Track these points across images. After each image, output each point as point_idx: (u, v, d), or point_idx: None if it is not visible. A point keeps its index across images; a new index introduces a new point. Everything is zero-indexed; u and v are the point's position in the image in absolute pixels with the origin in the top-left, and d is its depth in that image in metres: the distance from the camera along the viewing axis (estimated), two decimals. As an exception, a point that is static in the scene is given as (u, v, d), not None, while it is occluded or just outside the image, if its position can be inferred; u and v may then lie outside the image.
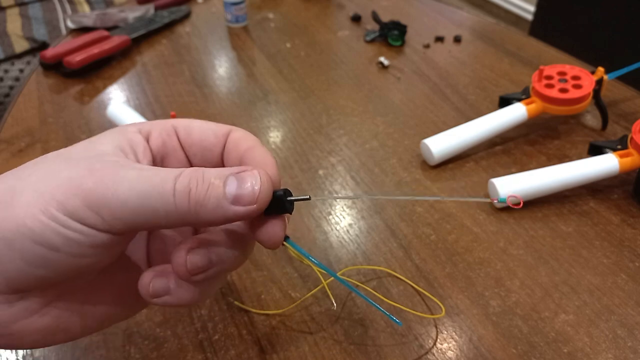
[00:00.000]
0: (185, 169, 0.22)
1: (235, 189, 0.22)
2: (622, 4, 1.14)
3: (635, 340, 0.36)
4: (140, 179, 0.21)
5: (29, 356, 0.36)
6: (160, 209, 0.21)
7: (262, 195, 0.23)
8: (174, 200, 0.21)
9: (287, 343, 0.36)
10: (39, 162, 0.23)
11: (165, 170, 0.22)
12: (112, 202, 0.21)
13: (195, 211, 0.22)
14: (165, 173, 0.22)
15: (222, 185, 0.22)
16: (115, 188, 0.21)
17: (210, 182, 0.22)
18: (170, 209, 0.21)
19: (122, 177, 0.21)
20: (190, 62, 0.73)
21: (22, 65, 1.20)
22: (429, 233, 0.45)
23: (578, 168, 0.46)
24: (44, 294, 0.23)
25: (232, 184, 0.22)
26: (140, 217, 0.21)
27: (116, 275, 0.26)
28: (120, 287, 0.26)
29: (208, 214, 0.22)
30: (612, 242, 0.43)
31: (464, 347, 0.36)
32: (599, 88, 0.55)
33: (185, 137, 0.27)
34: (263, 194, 0.23)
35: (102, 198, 0.21)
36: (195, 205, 0.22)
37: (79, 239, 0.21)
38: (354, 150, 0.55)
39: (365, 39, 0.76)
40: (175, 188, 0.21)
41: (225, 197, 0.22)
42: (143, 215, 0.21)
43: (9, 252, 0.20)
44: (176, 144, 0.27)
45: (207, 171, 0.22)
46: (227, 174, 0.23)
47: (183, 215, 0.22)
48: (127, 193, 0.21)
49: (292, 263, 0.42)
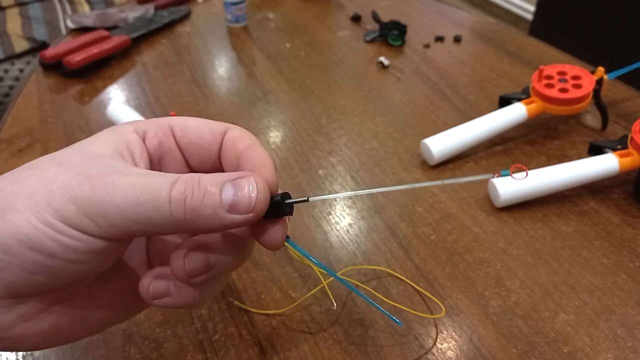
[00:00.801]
0: (182, 175, 0.22)
1: (232, 196, 0.22)
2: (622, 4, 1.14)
3: (635, 340, 0.36)
4: (136, 186, 0.21)
5: (29, 356, 0.36)
6: (156, 217, 0.21)
7: (259, 203, 0.22)
8: (170, 208, 0.21)
9: (287, 343, 0.36)
10: (34, 166, 0.22)
11: (162, 176, 0.22)
12: (108, 210, 0.21)
13: (191, 219, 0.21)
14: (161, 180, 0.21)
15: (219, 192, 0.22)
16: (111, 196, 0.21)
17: (206, 190, 0.22)
18: (166, 216, 0.21)
19: (117, 184, 0.21)
20: (190, 62, 0.73)
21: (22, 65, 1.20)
22: (429, 233, 0.45)
23: (578, 168, 0.46)
24: (42, 299, 0.23)
25: (228, 191, 0.22)
26: (136, 224, 0.21)
27: (115, 278, 0.26)
28: (119, 290, 0.26)
29: (204, 222, 0.22)
30: (612, 242, 0.43)
31: (464, 347, 0.36)
32: (599, 88, 0.55)
33: (182, 136, 0.26)
34: (260, 202, 0.22)
35: (98, 205, 0.21)
36: (191, 214, 0.21)
37: (76, 245, 0.21)
38: (354, 150, 0.55)
39: (365, 39, 0.76)
40: (171, 196, 0.21)
41: (221, 205, 0.22)
42: (139, 222, 0.21)
43: (5, 258, 0.20)
44: (173, 143, 0.26)
45: (203, 178, 0.22)
46: (223, 181, 0.22)
47: (179, 223, 0.21)
48: (123, 201, 0.21)
49: (292, 263, 0.42)
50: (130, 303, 0.27)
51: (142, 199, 0.21)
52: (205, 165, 0.27)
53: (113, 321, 0.27)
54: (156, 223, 0.21)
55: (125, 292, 0.26)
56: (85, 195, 0.21)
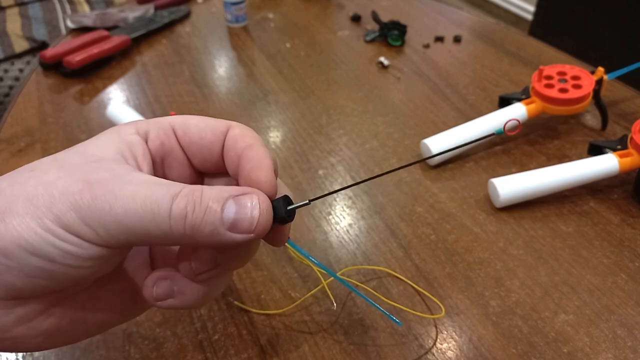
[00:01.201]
0: (184, 187, 0.22)
1: (234, 214, 0.22)
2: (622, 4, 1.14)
3: (635, 340, 0.36)
4: (136, 197, 0.21)
5: (29, 356, 0.36)
6: (155, 230, 0.21)
7: (260, 224, 0.22)
8: (170, 223, 0.21)
9: (287, 343, 0.36)
10: (35, 168, 0.22)
11: (163, 187, 0.21)
12: (108, 220, 0.20)
13: (191, 235, 0.21)
14: (162, 192, 0.21)
15: (220, 210, 0.21)
16: (112, 206, 0.20)
17: (208, 206, 0.21)
18: (166, 231, 0.21)
19: (118, 193, 0.21)
20: (190, 62, 0.73)
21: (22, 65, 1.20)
22: (428, 233, 0.45)
23: (578, 168, 0.46)
24: (43, 301, 0.23)
25: (230, 208, 0.22)
26: (134, 236, 0.21)
27: (116, 280, 0.26)
28: (121, 291, 0.26)
29: (204, 238, 0.22)
30: (612, 242, 0.43)
31: (463, 347, 0.36)
32: (599, 88, 0.55)
33: (183, 136, 0.26)
34: (261, 223, 0.22)
35: (97, 215, 0.20)
36: (191, 230, 0.21)
37: (76, 251, 0.21)
38: (354, 150, 0.55)
39: (365, 39, 0.76)
40: (172, 210, 0.21)
41: (222, 223, 0.21)
42: (137, 234, 0.21)
43: (5, 261, 0.20)
44: (175, 144, 0.26)
45: (205, 192, 0.22)
46: (225, 197, 0.22)
47: (178, 238, 0.21)
48: (123, 211, 0.20)
49: (292, 263, 0.42)
50: (132, 304, 0.27)
51: (142, 211, 0.21)
52: (208, 165, 0.27)
53: (114, 322, 0.27)
54: (155, 236, 0.21)
55: (127, 293, 0.26)
56: (85, 203, 0.20)
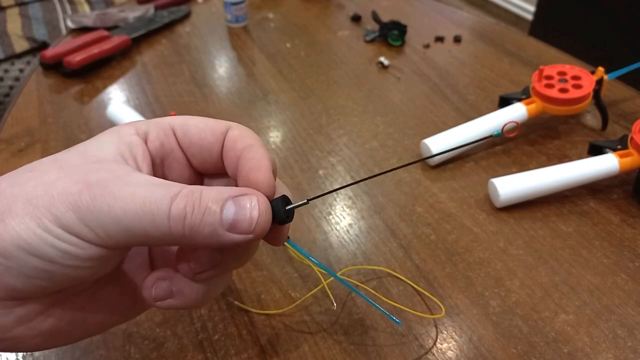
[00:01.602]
0: (183, 188, 0.22)
1: (233, 215, 0.22)
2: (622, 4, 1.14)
3: (635, 340, 0.36)
4: (135, 198, 0.21)
5: (29, 356, 0.36)
6: (154, 231, 0.21)
7: (259, 225, 0.22)
8: (169, 224, 0.21)
9: (287, 343, 0.36)
10: (35, 168, 0.22)
11: (163, 187, 0.21)
12: (107, 221, 0.20)
13: (190, 236, 0.21)
14: (161, 193, 0.21)
15: (219, 211, 0.22)
16: (111, 207, 0.20)
17: (207, 207, 0.21)
18: (165, 231, 0.21)
19: (117, 194, 0.21)
20: (190, 62, 0.73)
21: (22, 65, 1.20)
22: (428, 233, 0.45)
23: (578, 168, 0.46)
24: (42, 301, 0.23)
25: (229, 209, 0.22)
26: (133, 236, 0.21)
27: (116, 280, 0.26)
28: (120, 292, 0.26)
29: (203, 239, 0.22)
30: (612, 242, 0.43)
31: (464, 347, 0.36)
32: (599, 88, 0.55)
33: (183, 137, 0.26)
34: (261, 224, 0.22)
35: (96, 215, 0.20)
36: (190, 231, 0.21)
37: (75, 251, 0.21)
38: (354, 150, 0.55)
39: (365, 39, 0.76)
40: (171, 211, 0.21)
41: (221, 223, 0.22)
42: (137, 235, 0.21)
43: (5, 262, 0.20)
44: (174, 144, 0.26)
45: (204, 193, 0.22)
46: (225, 198, 0.22)
47: (177, 239, 0.21)
48: (122, 212, 0.20)
49: (292, 263, 0.42)
50: (131, 305, 0.27)
51: (141, 211, 0.21)
52: (208, 165, 0.27)
53: (113, 323, 0.27)
54: (154, 236, 0.21)
55: (126, 294, 0.26)
56: (84, 204, 0.20)
